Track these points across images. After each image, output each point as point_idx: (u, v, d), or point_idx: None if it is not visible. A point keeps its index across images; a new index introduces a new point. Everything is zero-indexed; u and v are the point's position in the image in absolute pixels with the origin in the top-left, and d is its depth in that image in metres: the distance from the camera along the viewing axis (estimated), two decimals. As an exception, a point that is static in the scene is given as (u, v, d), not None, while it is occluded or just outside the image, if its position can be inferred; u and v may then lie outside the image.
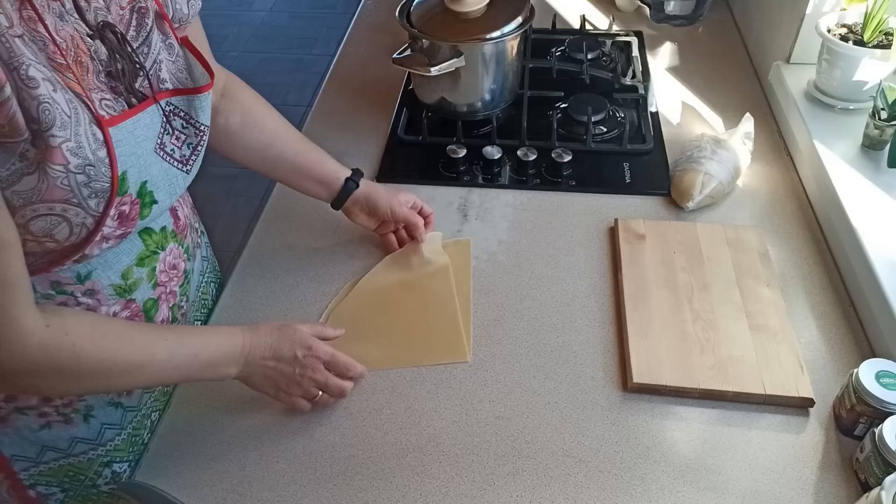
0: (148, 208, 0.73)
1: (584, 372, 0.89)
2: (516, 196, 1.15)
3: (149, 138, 0.71)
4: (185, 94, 0.76)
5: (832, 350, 0.90)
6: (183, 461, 0.82)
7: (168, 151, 0.75)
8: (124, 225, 0.70)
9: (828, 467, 0.78)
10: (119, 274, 0.77)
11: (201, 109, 0.78)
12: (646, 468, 0.79)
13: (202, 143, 0.80)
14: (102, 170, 0.65)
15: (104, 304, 0.77)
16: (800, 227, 1.07)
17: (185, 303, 0.91)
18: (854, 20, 1.13)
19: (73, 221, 0.65)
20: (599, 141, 1.23)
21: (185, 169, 0.78)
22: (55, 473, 0.83)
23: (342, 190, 1.00)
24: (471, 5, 1.14)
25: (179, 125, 0.76)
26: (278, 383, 0.81)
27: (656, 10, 1.50)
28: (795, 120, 1.15)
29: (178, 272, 0.87)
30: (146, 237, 0.80)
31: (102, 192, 0.65)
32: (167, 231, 0.84)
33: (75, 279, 0.73)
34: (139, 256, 0.79)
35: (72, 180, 0.62)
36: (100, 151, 0.64)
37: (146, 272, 0.81)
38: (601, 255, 1.04)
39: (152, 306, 0.83)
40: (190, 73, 0.78)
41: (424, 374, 0.90)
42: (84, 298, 0.75)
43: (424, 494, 0.78)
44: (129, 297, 0.79)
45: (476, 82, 1.21)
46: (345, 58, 1.53)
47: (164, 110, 0.74)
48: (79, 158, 0.62)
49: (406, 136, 1.27)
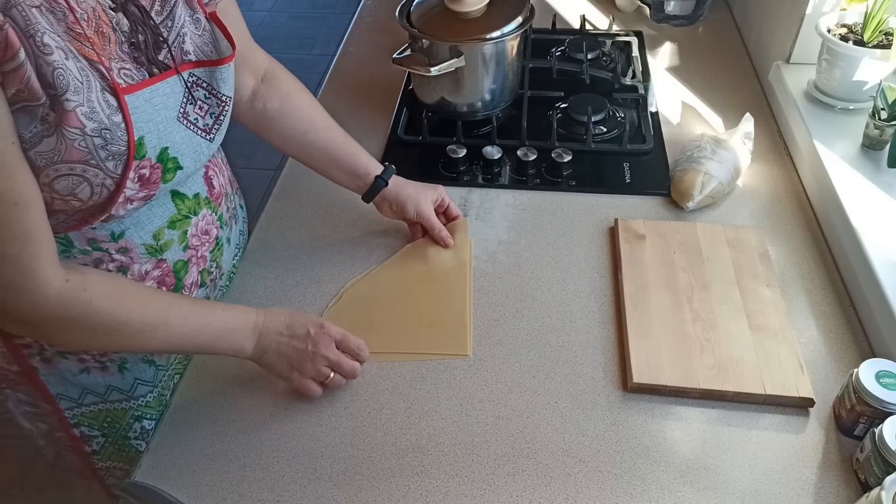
0: (172, 173, 0.77)
1: (584, 372, 0.89)
2: (516, 196, 1.15)
3: (169, 107, 0.75)
4: (206, 66, 0.79)
5: (832, 350, 0.90)
6: (183, 461, 0.82)
7: (192, 120, 0.78)
8: (146, 188, 0.74)
9: (828, 467, 0.78)
10: (151, 234, 0.81)
11: (223, 81, 0.81)
12: (646, 468, 0.79)
13: (224, 113, 0.83)
14: (118, 134, 0.68)
15: (136, 261, 0.81)
16: (800, 227, 1.07)
17: (216, 269, 0.94)
18: (854, 20, 1.13)
19: (93, 182, 0.69)
20: (599, 141, 1.23)
21: (209, 137, 0.81)
22: (95, 416, 0.90)
23: (371, 187, 1.02)
24: (471, 5, 1.14)
25: (202, 95, 0.79)
26: (291, 361, 0.83)
27: (656, 10, 1.50)
28: (795, 120, 1.15)
29: (209, 238, 0.90)
30: (178, 202, 0.84)
31: (119, 155, 0.69)
32: (200, 197, 0.87)
33: (110, 237, 0.77)
34: (171, 219, 0.83)
35: (89, 143, 0.66)
36: (115, 117, 0.68)
37: (177, 234, 0.84)
38: (601, 255, 1.04)
39: (182, 267, 0.86)
40: (216, 47, 0.81)
41: (424, 374, 0.90)
42: (118, 256, 0.79)
43: (424, 494, 0.78)
44: (160, 256, 0.83)
45: (476, 82, 1.21)
46: (345, 58, 1.53)
47: (186, 81, 0.77)
48: (94, 122, 0.66)
49: (406, 136, 1.27)
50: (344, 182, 1.04)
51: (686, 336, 0.90)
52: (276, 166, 0.99)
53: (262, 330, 0.82)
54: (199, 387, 0.90)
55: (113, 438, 0.93)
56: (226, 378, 0.90)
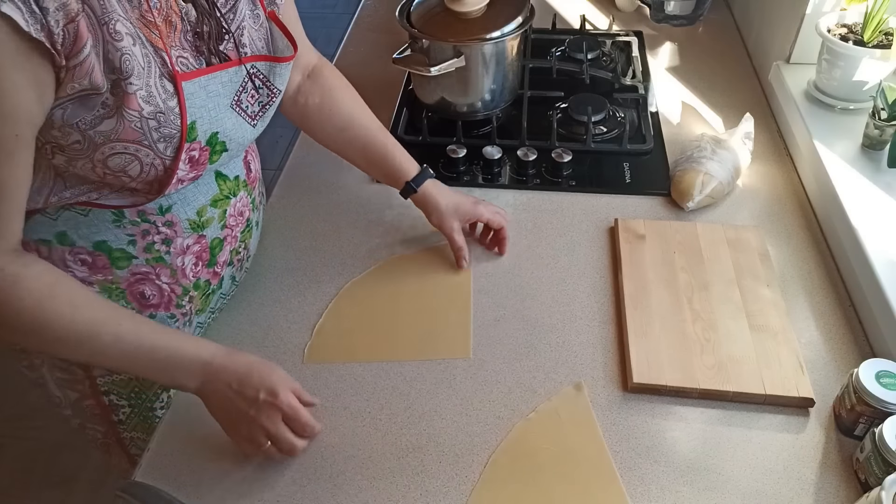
0: (218, 155, 0.80)
1: (584, 372, 0.89)
2: (516, 196, 1.15)
3: (224, 94, 0.78)
4: (269, 61, 0.83)
5: (832, 350, 0.90)
6: (183, 461, 0.82)
7: (243, 108, 0.82)
8: (195, 169, 0.78)
9: (828, 467, 0.78)
10: (195, 211, 0.84)
11: (279, 76, 0.85)
12: (646, 468, 0.79)
13: (272, 103, 0.86)
14: (172, 118, 0.72)
15: (180, 235, 0.84)
16: (800, 227, 1.07)
17: (244, 250, 0.97)
18: (854, 20, 1.13)
19: (144, 161, 0.72)
20: (599, 141, 1.23)
21: (253, 123, 0.84)
22: (125, 385, 0.91)
23: (402, 191, 1.03)
24: (471, 5, 1.14)
25: (257, 85, 0.83)
26: (230, 417, 0.78)
27: (656, 10, 1.50)
28: (795, 120, 1.15)
29: (242, 219, 0.93)
30: (221, 182, 0.87)
31: (170, 138, 0.72)
32: (240, 180, 0.91)
33: (158, 211, 0.81)
34: (213, 198, 0.86)
35: (144, 124, 0.70)
36: (170, 101, 0.71)
37: (218, 213, 0.87)
38: (601, 255, 1.04)
39: (217, 245, 0.89)
40: (270, 43, 0.85)
41: (424, 374, 0.90)
42: (164, 228, 0.82)
43: (424, 494, 0.78)
44: (201, 233, 0.86)
45: (476, 82, 1.21)
46: (345, 58, 1.53)
47: (249, 72, 0.81)
48: (151, 106, 0.70)
49: (406, 136, 1.27)
50: (383, 181, 1.06)
51: (686, 336, 0.90)
52: (277, 166, 0.99)
53: (210, 376, 0.77)
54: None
55: (139, 409, 0.94)
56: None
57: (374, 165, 1.04)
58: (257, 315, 0.98)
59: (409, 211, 1.13)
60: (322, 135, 1.04)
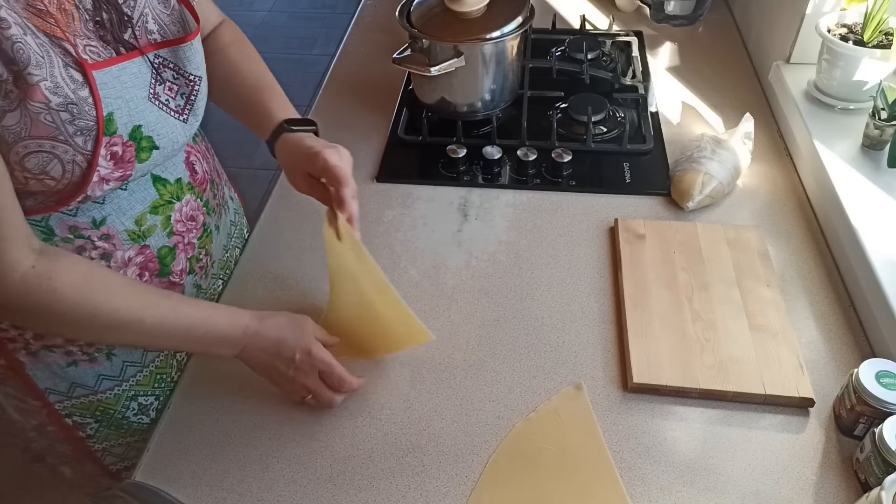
0: (147, 153, 0.77)
1: (584, 372, 0.89)
2: (516, 196, 1.15)
3: (138, 86, 0.75)
4: (169, 46, 0.78)
5: (832, 350, 0.90)
6: (183, 461, 0.82)
7: (163, 101, 0.78)
8: (121, 167, 0.74)
9: (828, 467, 0.78)
10: (133, 220, 0.81)
11: (188, 60, 0.80)
12: (646, 468, 0.79)
13: (196, 93, 0.82)
14: (86, 108, 0.69)
15: (119, 248, 0.81)
16: (800, 227, 1.07)
17: (206, 257, 0.94)
18: (854, 20, 1.13)
19: (64, 158, 0.69)
20: (599, 141, 1.23)
21: (182, 118, 0.80)
22: (87, 408, 0.90)
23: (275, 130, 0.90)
24: (471, 5, 1.14)
25: (171, 76, 0.79)
26: (272, 375, 0.82)
27: (656, 10, 1.50)
28: (795, 120, 1.15)
29: (196, 224, 0.90)
30: (160, 186, 0.84)
31: (88, 130, 0.69)
32: (183, 182, 0.87)
33: (91, 224, 0.78)
34: (153, 204, 0.83)
35: (55, 117, 0.67)
36: (81, 91, 0.68)
37: (160, 220, 0.84)
38: (601, 255, 1.04)
39: (167, 254, 0.86)
40: (184, 26, 0.80)
41: (424, 374, 0.90)
42: (100, 242, 0.79)
43: (424, 494, 0.78)
44: (144, 242, 0.83)
45: (476, 82, 1.21)
46: (345, 58, 1.53)
47: (152, 62, 0.77)
48: (59, 97, 0.66)
49: (406, 136, 1.27)
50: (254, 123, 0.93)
51: (686, 336, 0.90)
52: (277, 166, 0.98)
53: (247, 345, 0.80)
54: (200, 386, 0.90)
55: (108, 423, 0.93)
56: (226, 378, 0.90)
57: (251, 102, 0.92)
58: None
59: (409, 211, 1.13)
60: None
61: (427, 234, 1.09)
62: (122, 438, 0.95)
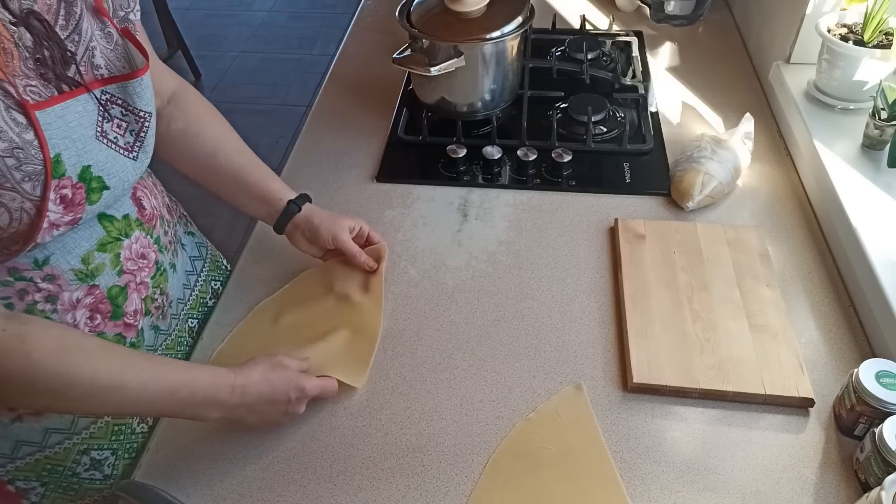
0: (97, 193, 0.73)
1: (584, 372, 0.89)
2: (516, 196, 1.15)
3: (85, 125, 0.71)
4: (117, 82, 0.75)
5: (832, 350, 0.90)
6: (183, 461, 0.82)
7: (111, 139, 0.75)
8: (71, 210, 0.70)
9: (828, 467, 0.78)
10: (79, 258, 0.77)
11: (138, 96, 0.77)
12: (646, 468, 0.79)
13: (145, 130, 0.79)
14: (32, 152, 0.65)
15: (66, 289, 0.76)
16: (800, 227, 1.07)
17: (161, 297, 0.90)
18: (854, 20, 1.13)
19: (11, 206, 0.65)
20: (599, 141, 1.23)
21: (132, 156, 0.77)
22: (32, 468, 0.83)
23: (283, 213, 0.96)
24: (471, 5, 1.14)
25: (119, 113, 0.76)
26: (265, 418, 0.80)
27: (656, 10, 1.50)
28: (795, 120, 1.15)
29: (147, 262, 0.86)
30: (107, 223, 0.80)
31: (36, 175, 0.65)
32: (131, 218, 0.83)
33: (33, 265, 0.73)
34: (100, 242, 0.79)
35: (1, 164, 0.63)
36: (25, 134, 0.65)
37: (109, 258, 0.80)
38: (601, 255, 1.04)
39: (119, 293, 0.82)
40: (129, 62, 0.77)
41: (425, 374, 0.90)
42: (44, 284, 0.74)
43: (424, 494, 0.78)
44: (92, 282, 0.78)
45: (476, 82, 1.21)
46: (345, 58, 1.53)
47: (98, 99, 0.73)
48: (3, 142, 0.63)
49: (406, 136, 1.27)
50: (253, 209, 0.98)
51: (686, 336, 0.90)
52: (277, 167, 0.98)
53: (235, 404, 0.76)
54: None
55: (55, 485, 0.85)
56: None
57: (247, 191, 0.96)
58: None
59: (409, 211, 1.13)
60: (187, 162, 0.95)
61: (427, 234, 1.09)
62: (70, 502, 0.88)
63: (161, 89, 0.91)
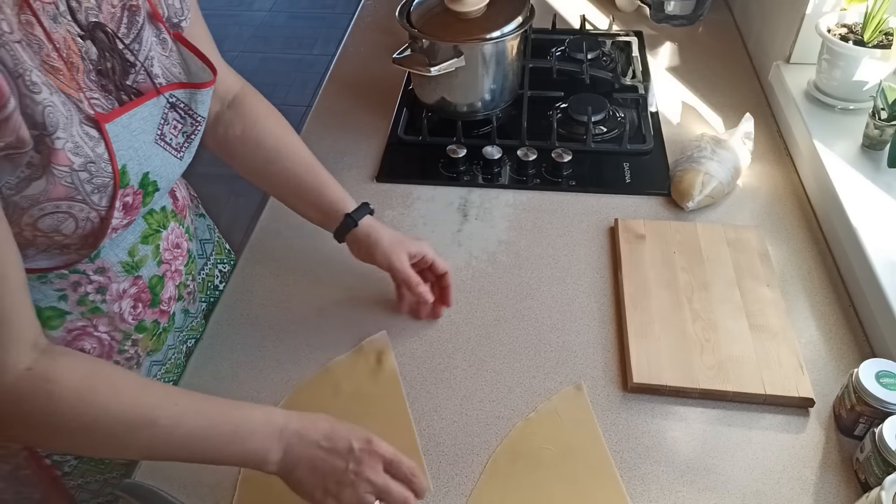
0: (151, 196, 0.75)
1: (584, 372, 0.89)
2: (516, 196, 1.15)
3: (147, 130, 0.73)
4: (188, 88, 0.78)
5: (832, 350, 0.90)
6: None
7: (167, 140, 0.76)
8: (129, 214, 0.73)
9: (828, 467, 0.78)
10: (126, 251, 0.79)
11: (201, 102, 0.80)
12: (646, 468, 0.79)
13: (196, 133, 0.81)
14: (102, 165, 0.66)
15: (114, 280, 0.78)
16: (800, 227, 1.07)
17: (192, 282, 0.93)
18: (854, 20, 1.13)
19: (79, 217, 0.67)
20: (599, 141, 1.23)
21: (179, 155, 0.79)
22: None
23: (340, 226, 0.93)
24: (471, 5, 1.14)
25: (178, 116, 0.77)
26: (327, 481, 0.68)
27: (656, 10, 1.50)
28: (795, 120, 1.15)
29: (181, 251, 0.88)
30: (148, 217, 0.82)
31: (104, 187, 0.67)
32: (167, 211, 0.86)
33: (87, 258, 0.75)
34: (143, 234, 0.81)
35: (75, 178, 0.64)
36: (97, 148, 0.66)
37: (151, 249, 0.82)
38: (601, 254, 1.04)
39: (157, 283, 0.84)
40: (185, 69, 0.79)
41: (425, 374, 0.90)
42: (96, 276, 0.77)
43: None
44: (137, 273, 0.81)
45: (476, 82, 1.21)
46: (345, 58, 1.53)
47: (167, 101, 0.75)
48: (80, 157, 0.64)
49: (406, 136, 1.27)
50: (311, 217, 0.96)
51: (686, 336, 0.90)
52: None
53: (292, 438, 0.68)
54: (199, 386, 0.90)
55: (88, 457, 0.86)
56: (225, 378, 0.90)
57: (305, 198, 0.94)
58: (258, 315, 0.98)
59: (409, 211, 1.13)
60: (248, 168, 0.94)
61: (427, 234, 1.09)
62: (99, 475, 0.89)
63: (221, 91, 0.92)
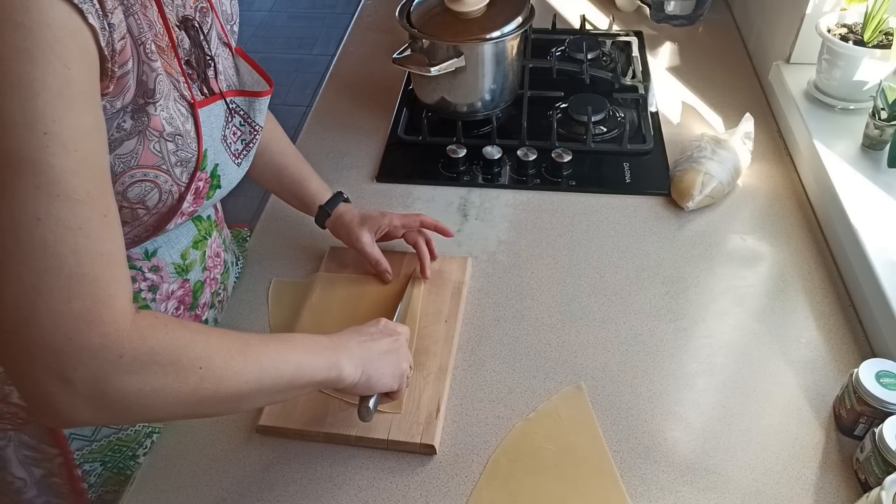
0: (214, 191, 0.77)
1: (584, 372, 0.89)
2: (516, 196, 1.15)
3: (217, 128, 0.76)
4: (248, 96, 0.81)
5: (832, 350, 0.90)
6: (183, 461, 0.82)
7: (228, 144, 0.79)
8: (196, 202, 0.75)
9: (828, 467, 0.78)
10: (179, 253, 0.82)
11: (259, 111, 0.83)
12: (646, 468, 0.79)
13: (254, 142, 0.83)
14: (189, 141, 0.70)
15: (165, 280, 0.81)
16: (800, 227, 1.07)
17: (223, 291, 0.95)
18: (854, 20, 1.13)
19: (163, 188, 0.69)
20: (599, 141, 1.23)
21: (237, 161, 0.81)
22: (102, 450, 0.85)
23: (317, 217, 1.01)
24: (471, 5, 1.14)
25: (238, 122, 0.80)
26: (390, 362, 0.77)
27: (656, 10, 1.50)
28: (795, 120, 1.15)
29: (220, 260, 0.92)
30: (197, 223, 0.85)
31: (186, 162, 0.70)
32: (212, 220, 0.90)
33: (143, 255, 0.78)
34: (194, 239, 0.84)
35: (163, 147, 0.67)
36: (187, 124, 0.70)
37: (199, 255, 0.86)
38: (601, 254, 1.04)
39: (199, 288, 0.87)
40: (239, 78, 0.82)
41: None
42: (150, 274, 0.79)
43: (424, 494, 0.78)
44: (185, 276, 0.84)
45: (476, 82, 1.21)
46: (345, 58, 1.53)
47: (228, 107, 0.78)
48: (171, 127, 0.68)
49: (406, 136, 1.27)
50: (294, 205, 1.04)
51: None
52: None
53: (341, 342, 0.74)
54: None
55: (113, 465, 0.86)
56: None
57: (289, 189, 1.02)
58: (258, 315, 0.98)
59: (409, 211, 1.13)
60: None
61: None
62: (119, 485, 0.88)
63: None
